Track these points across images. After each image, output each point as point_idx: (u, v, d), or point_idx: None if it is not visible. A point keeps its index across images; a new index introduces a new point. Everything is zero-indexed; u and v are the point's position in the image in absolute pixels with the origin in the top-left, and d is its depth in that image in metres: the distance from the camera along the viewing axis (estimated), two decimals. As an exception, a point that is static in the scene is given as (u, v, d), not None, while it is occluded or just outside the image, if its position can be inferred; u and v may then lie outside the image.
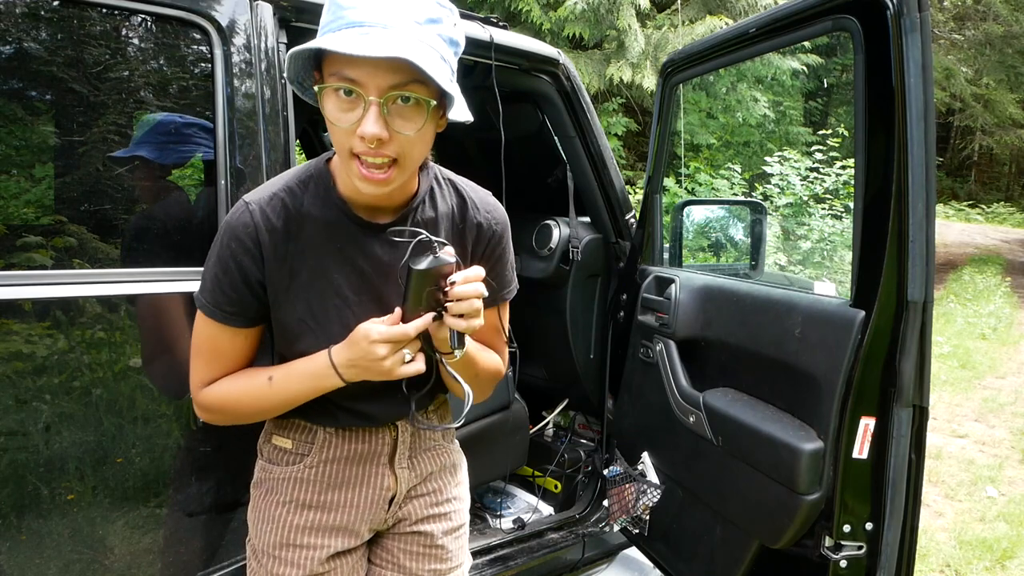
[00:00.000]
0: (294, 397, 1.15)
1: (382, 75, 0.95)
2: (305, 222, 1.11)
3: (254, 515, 1.26)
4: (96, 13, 1.37)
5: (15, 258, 1.33)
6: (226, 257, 1.10)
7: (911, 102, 1.38)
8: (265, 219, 1.09)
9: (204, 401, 1.18)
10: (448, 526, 1.32)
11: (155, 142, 1.46)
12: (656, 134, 2.31)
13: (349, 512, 1.23)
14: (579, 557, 2.37)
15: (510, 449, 2.46)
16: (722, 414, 1.77)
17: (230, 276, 1.10)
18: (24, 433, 1.27)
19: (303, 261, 1.12)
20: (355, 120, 0.97)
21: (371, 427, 1.22)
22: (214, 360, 1.17)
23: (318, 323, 1.13)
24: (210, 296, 1.12)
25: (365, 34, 0.94)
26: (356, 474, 1.22)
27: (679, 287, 2.05)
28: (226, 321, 1.13)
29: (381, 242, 1.13)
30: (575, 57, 7.83)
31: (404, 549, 1.30)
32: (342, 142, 1.00)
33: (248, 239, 1.09)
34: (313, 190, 1.12)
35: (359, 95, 0.96)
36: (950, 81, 14.68)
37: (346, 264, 1.13)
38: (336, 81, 0.97)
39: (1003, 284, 10.59)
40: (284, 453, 1.23)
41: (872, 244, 1.46)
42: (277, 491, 1.23)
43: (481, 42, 1.97)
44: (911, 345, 1.43)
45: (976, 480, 3.98)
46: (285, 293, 1.12)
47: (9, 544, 1.28)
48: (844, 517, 1.52)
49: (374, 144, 0.97)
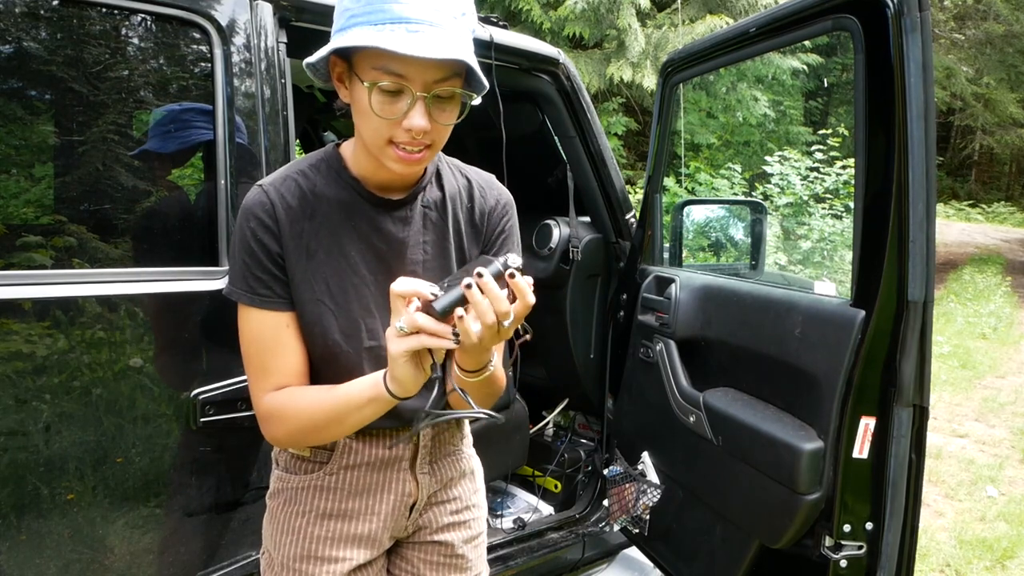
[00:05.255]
0: (349, 412, 1.06)
1: (430, 72, 0.98)
2: (320, 202, 1.12)
3: (272, 526, 1.23)
4: (96, 13, 1.37)
5: (15, 258, 1.33)
6: (248, 239, 1.09)
7: (911, 102, 1.38)
8: (281, 198, 1.10)
9: (265, 410, 1.11)
10: (468, 535, 1.31)
11: (158, 134, 1.47)
12: (656, 134, 2.31)
13: (371, 520, 1.21)
14: (579, 557, 2.37)
15: (510, 449, 2.46)
16: (722, 414, 1.77)
17: (255, 257, 1.09)
18: (24, 433, 1.27)
19: (319, 240, 1.12)
20: (400, 113, 0.99)
21: (393, 429, 1.20)
22: (266, 360, 1.12)
23: (337, 303, 1.12)
24: (243, 283, 1.10)
25: (415, 31, 0.95)
26: (378, 481, 1.20)
27: (679, 287, 2.05)
28: (264, 305, 1.10)
29: (393, 219, 1.15)
30: (575, 57, 7.83)
31: (424, 559, 1.28)
32: (381, 131, 1.01)
33: (266, 215, 1.09)
34: (325, 172, 1.14)
35: (407, 90, 0.99)
36: (950, 80, 14.68)
37: (361, 241, 1.13)
38: (383, 76, 0.98)
39: (1003, 284, 10.59)
40: (302, 461, 1.20)
41: (872, 244, 1.46)
42: (296, 501, 1.20)
43: (481, 42, 1.97)
44: (911, 345, 1.43)
45: (976, 480, 3.98)
46: (303, 272, 1.11)
47: (9, 544, 1.28)
48: (844, 517, 1.52)
49: (420, 136, 1.01)
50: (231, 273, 1.12)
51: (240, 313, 1.12)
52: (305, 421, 1.10)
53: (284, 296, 1.11)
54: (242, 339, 1.13)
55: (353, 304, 1.13)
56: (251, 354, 1.13)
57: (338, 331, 1.12)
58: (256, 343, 1.12)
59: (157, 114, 1.48)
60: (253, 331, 1.12)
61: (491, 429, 2.35)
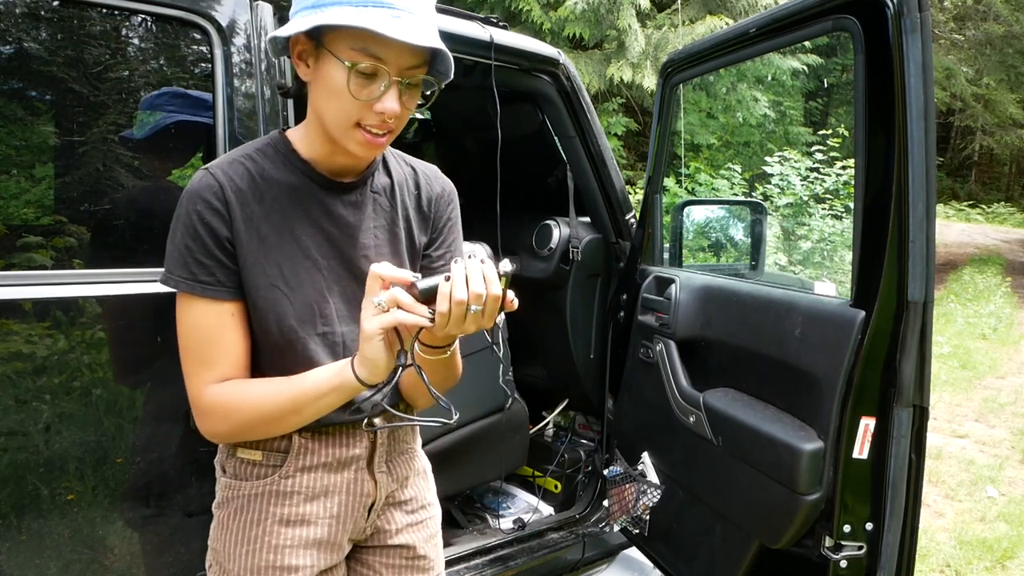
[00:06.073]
0: (309, 400, 1.06)
1: (406, 58, 1.01)
2: (269, 186, 1.10)
3: (225, 537, 1.16)
4: (96, 13, 1.37)
5: (15, 258, 1.33)
6: (193, 222, 1.05)
7: (911, 102, 1.38)
8: (229, 180, 1.07)
9: (206, 404, 1.08)
10: (427, 533, 1.30)
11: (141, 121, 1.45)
12: (656, 134, 2.31)
13: (331, 524, 1.17)
14: (579, 557, 2.37)
15: (510, 449, 2.46)
16: (722, 414, 1.77)
17: (200, 241, 1.05)
18: (24, 433, 1.27)
19: (270, 224, 1.09)
20: (374, 96, 1.01)
21: (351, 427, 1.17)
22: (207, 351, 1.07)
23: (291, 288, 1.10)
24: (184, 270, 1.05)
25: (397, 17, 0.97)
26: (336, 483, 1.17)
27: (679, 287, 2.05)
28: (207, 293, 1.06)
29: (344, 203, 1.14)
30: (575, 57, 7.83)
31: (386, 563, 1.26)
32: (350, 112, 1.02)
33: (215, 199, 1.06)
34: (273, 156, 1.12)
35: (382, 73, 1.00)
36: (950, 81, 14.69)
37: (312, 226, 1.12)
38: (363, 57, 0.99)
39: (1003, 284, 10.59)
40: (253, 466, 1.15)
41: (872, 244, 1.46)
42: (250, 509, 1.15)
43: (481, 42, 1.97)
44: (911, 345, 1.43)
45: (976, 480, 3.98)
46: (255, 256, 1.08)
47: (9, 544, 1.28)
48: (844, 517, 1.52)
49: (391, 120, 1.03)
50: (168, 259, 1.07)
51: (179, 302, 1.08)
52: (253, 414, 1.07)
53: (228, 284, 1.07)
54: (180, 329, 1.09)
55: (307, 288, 1.11)
56: (191, 345, 1.08)
57: (293, 316, 1.09)
58: (197, 333, 1.08)
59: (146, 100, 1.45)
60: (193, 321, 1.07)
61: (491, 429, 2.35)
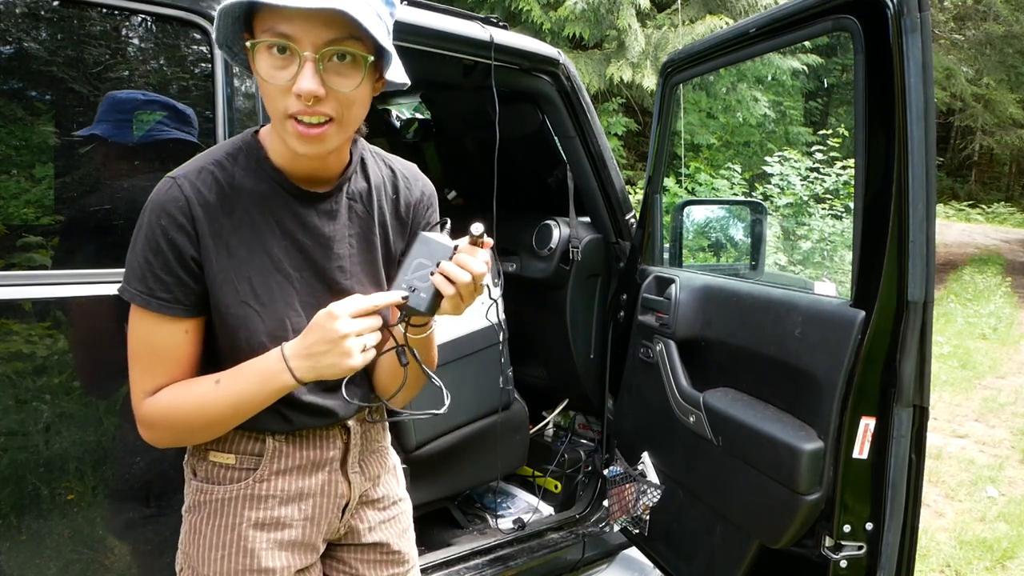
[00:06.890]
0: (244, 402, 1.04)
1: (317, 30, 0.92)
2: (239, 195, 1.05)
3: (198, 542, 1.14)
4: (96, 13, 1.37)
5: (15, 258, 1.33)
6: (156, 236, 1.00)
7: (911, 102, 1.38)
8: (197, 192, 1.02)
9: (146, 415, 1.05)
10: (400, 528, 1.31)
11: (112, 120, 1.40)
12: (656, 134, 2.31)
13: (306, 526, 1.16)
14: (579, 557, 2.37)
15: (510, 449, 2.46)
16: (722, 414, 1.77)
17: (162, 257, 1.01)
18: (24, 433, 1.27)
19: (239, 237, 1.05)
20: (290, 77, 0.94)
21: (325, 429, 1.16)
22: (154, 364, 1.05)
23: (262, 304, 1.06)
24: (141, 284, 1.01)
25: None
26: (310, 485, 1.16)
27: (679, 287, 2.05)
28: (162, 310, 1.02)
29: (319, 212, 1.09)
30: (575, 57, 7.83)
31: (362, 559, 1.27)
32: (276, 102, 0.96)
33: (180, 214, 1.01)
34: (244, 162, 1.07)
35: (293, 51, 0.93)
36: (950, 81, 14.68)
37: (285, 238, 1.08)
38: (269, 37, 0.93)
39: (1003, 284, 10.59)
40: (226, 470, 1.13)
41: (872, 244, 1.46)
42: (224, 513, 1.12)
43: (481, 42, 1.97)
44: (911, 345, 1.43)
45: (976, 480, 3.98)
46: (224, 272, 1.04)
47: (9, 544, 1.28)
48: (844, 517, 1.52)
49: (311, 102, 0.94)
50: (128, 269, 1.03)
51: (132, 312, 1.04)
52: (194, 422, 1.05)
53: (185, 303, 1.03)
54: (130, 337, 1.06)
55: (279, 304, 1.07)
56: (139, 354, 1.06)
57: (264, 333, 1.06)
58: (145, 346, 1.05)
59: (116, 97, 1.41)
60: (144, 334, 1.05)
61: (491, 429, 2.35)
